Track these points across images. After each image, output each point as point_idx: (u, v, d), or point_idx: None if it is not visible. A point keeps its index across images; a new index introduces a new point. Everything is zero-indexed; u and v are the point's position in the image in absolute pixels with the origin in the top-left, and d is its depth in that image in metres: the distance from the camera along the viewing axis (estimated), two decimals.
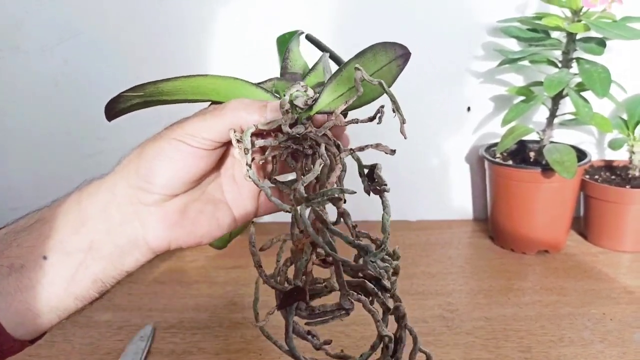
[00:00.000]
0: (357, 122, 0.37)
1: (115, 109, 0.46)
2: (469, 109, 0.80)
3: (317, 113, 0.36)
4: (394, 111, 0.35)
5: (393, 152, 0.35)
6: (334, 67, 0.42)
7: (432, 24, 0.75)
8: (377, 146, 0.36)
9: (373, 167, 0.35)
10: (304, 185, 0.32)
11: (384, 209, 0.34)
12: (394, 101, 0.35)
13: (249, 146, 0.33)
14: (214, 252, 0.73)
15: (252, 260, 0.36)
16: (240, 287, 0.65)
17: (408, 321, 0.35)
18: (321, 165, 0.34)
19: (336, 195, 0.32)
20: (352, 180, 0.36)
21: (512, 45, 0.75)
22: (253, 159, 0.34)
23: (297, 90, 0.35)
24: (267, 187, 0.33)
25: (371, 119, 0.35)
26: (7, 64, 0.77)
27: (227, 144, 0.37)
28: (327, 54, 0.40)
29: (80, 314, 0.38)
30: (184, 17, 0.75)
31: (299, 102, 0.35)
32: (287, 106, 0.34)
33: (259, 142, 0.35)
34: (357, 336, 0.55)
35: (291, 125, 0.34)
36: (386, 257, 0.35)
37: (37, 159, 0.83)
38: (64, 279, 0.34)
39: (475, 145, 0.82)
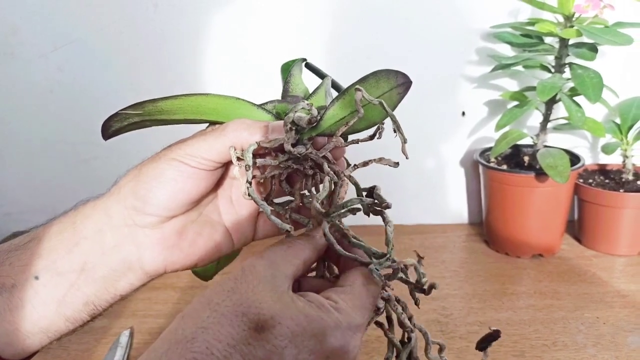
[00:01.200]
0: (357, 143, 0.37)
1: (112, 127, 0.45)
2: (463, 113, 0.81)
3: (318, 135, 0.36)
4: (394, 131, 0.36)
5: (396, 164, 0.36)
6: (334, 93, 0.42)
7: (427, 30, 0.76)
8: (380, 160, 0.36)
9: (372, 189, 0.36)
10: (319, 201, 0.33)
11: (386, 225, 0.34)
12: (395, 121, 0.35)
13: (250, 163, 0.33)
14: None
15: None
16: None
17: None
18: (331, 182, 0.34)
19: (356, 206, 0.33)
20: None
21: (506, 50, 0.76)
22: (254, 177, 0.34)
23: (302, 108, 0.34)
24: (266, 206, 0.33)
25: (371, 138, 0.35)
26: (2, 71, 0.77)
27: (226, 165, 0.36)
28: (330, 78, 0.40)
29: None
30: (180, 24, 0.75)
31: (303, 122, 0.35)
32: (290, 125, 0.34)
33: (260, 161, 0.34)
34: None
35: (293, 145, 0.34)
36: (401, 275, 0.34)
37: (32, 165, 0.83)
38: (54, 300, 0.33)
39: (470, 149, 0.82)
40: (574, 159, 0.73)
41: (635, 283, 0.65)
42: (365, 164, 0.36)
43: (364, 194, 0.36)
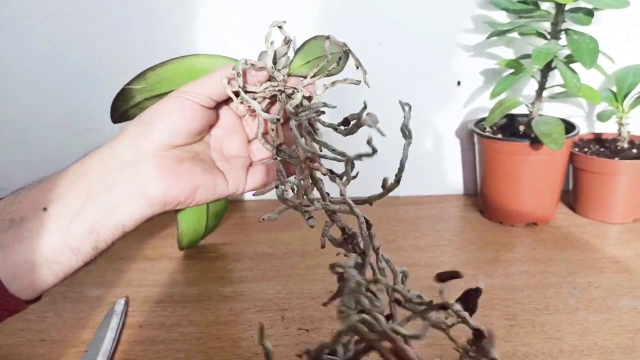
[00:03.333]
0: (326, 75, 0.45)
1: (120, 109, 0.49)
2: (459, 83, 0.80)
3: (290, 75, 0.43)
4: (357, 67, 0.44)
5: (358, 82, 0.44)
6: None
7: None
8: (344, 80, 0.44)
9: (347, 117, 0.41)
10: (292, 106, 0.39)
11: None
12: (356, 59, 0.44)
13: (240, 70, 0.39)
14: None
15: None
16: (229, 263, 0.66)
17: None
18: (302, 95, 0.41)
19: (321, 109, 0.38)
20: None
21: (503, 17, 0.75)
22: (247, 92, 0.41)
23: (281, 46, 0.42)
24: (251, 100, 0.40)
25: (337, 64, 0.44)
26: None
27: (213, 124, 0.43)
28: (322, 37, 0.45)
29: (71, 289, 0.38)
30: None
31: (285, 60, 0.43)
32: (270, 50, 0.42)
33: (248, 87, 0.41)
34: None
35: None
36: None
37: (25, 138, 0.82)
38: (60, 228, 0.35)
39: (465, 120, 0.82)
40: (570, 127, 0.72)
41: (628, 249, 0.66)
42: (333, 84, 0.44)
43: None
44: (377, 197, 0.39)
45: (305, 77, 0.44)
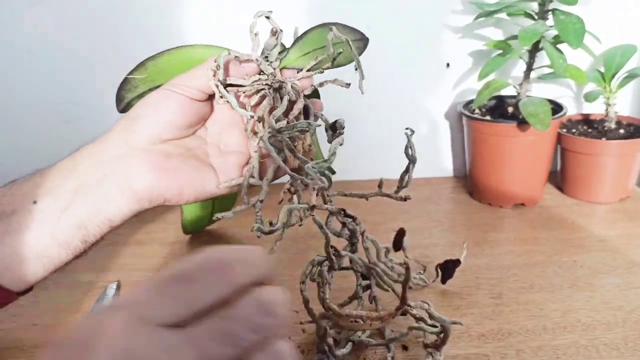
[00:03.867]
0: (322, 72, 0.42)
1: (125, 98, 0.49)
2: (448, 65, 0.80)
3: (285, 67, 0.42)
4: (356, 69, 0.42)
5: (348, 85, 0.42)
6: None
7: None
8: (334, 81, 0.43)
9: (335, 122, 0.42)
10: (275, 118, 0.38)
11: (335, 138, 0.41)
12: (356, 57, 0.41)
13: (221, 64, 0.39)
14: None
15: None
16: (221, 245, 0.66)
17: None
18: (288, 100, 0.39)
19: (305, 127, 0.37)
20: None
21: None
22: (231, 87, 0.41)
23: (269, 38, 0.41)
24: (226, 94, 0.39)
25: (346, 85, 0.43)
26: None
27: (208, 116, 0.42)
28: (332, 28, 0.43)
29: (64, 274, 0.39)
30: None
31: (275, 52, 0.41)
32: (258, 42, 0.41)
33: (234, 80, 0.40)
34: None
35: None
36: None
37: (13, 128, 0.82)
38: (49, 223, 0.35)
39: (454, 102, 0.82)
40: (557, 108, 0.73)
41: (614, 229, 0.67)
42: (320, 84, 0.43)
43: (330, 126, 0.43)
44: (372, 195, 0.43)
45: (301, 70, 0.42)
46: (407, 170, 0.40)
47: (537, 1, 0.67)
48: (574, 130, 0.75)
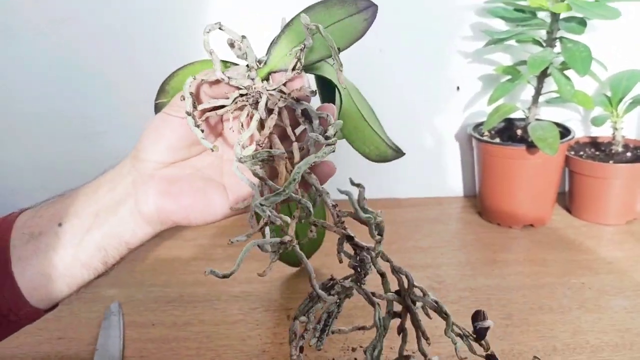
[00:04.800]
0: (301, 72, 0.37)
1: None
2: (458, 88, 0.82)
3: (273, 71, 0.37)
4: (331, 63, 0.37)
5: (313, 93, 0.36)
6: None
7: (422, 6, 0.77)
8: (299, 90, 0.36)
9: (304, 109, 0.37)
10: (240, 144, 0.35)
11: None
12: (332, 47, 0.35)
13: (187, 94, 0.36)
14: (211, 231, 0.76)
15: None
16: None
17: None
18: (257, 122, 0.36)
19: (265, 157, 0.34)
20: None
21: (500, 24, 0.77)
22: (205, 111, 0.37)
23: (247, 47, 0.37)
24: (195, 129, 0.36)
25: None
26: (1, 49, 0.78)
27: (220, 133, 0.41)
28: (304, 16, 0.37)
29: (85, 289, 0.41)
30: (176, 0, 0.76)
31: (250, 61, 0.37)
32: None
33: (214, 102, 0.37)
34: None
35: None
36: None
37: (35, 142, 0.84)
38: (72, 244, 0.37)
39: (464, 124, 0.84)
40: (565, 131, 0.75)
41: (621, 250, 0.68)
42: (288, 96, 0.37)
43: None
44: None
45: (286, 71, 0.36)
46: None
47: (545, 29, 0.70)
48: (581, 153, 0.77)
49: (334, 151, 0.35)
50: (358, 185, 0.37)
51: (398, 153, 0.52)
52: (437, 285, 0.62)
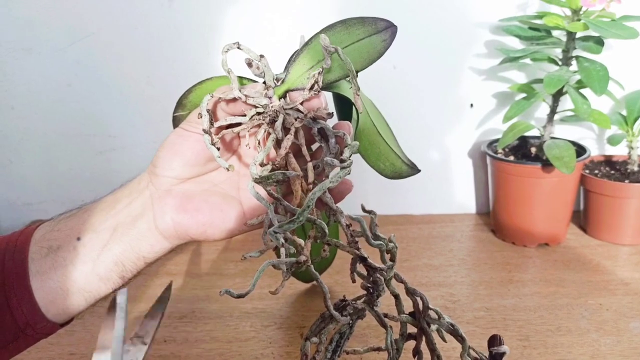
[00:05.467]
0: (318, 91, 0.37)
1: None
2: (472, 105, 0.82)
3: (290, 90, 0.37)
4: (349, 82, 0.36)
5: (330, 115, 0.37)
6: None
7: (436, 23, 0.77)
8: (317, 111, 0.37)
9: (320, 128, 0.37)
10: (256, 164, 0.35)
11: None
12: (350, 70, 0.35)
13: (204, 112, 0.36)
14: (222, 245, 0.76)
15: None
16: (249, 279, 0.68)
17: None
18: (273, 141, 0.35)
19: (280, 178, 0.34)
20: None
21: (514, 42, 0.77)
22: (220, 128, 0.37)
23: (265, 66, 0.36)
24: (212, 147, 0.36)
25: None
26: (20, 65, 0.79)
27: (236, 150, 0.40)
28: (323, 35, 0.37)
29: (102, 302, 0.40)
30: (193, 17, 0.77)
31: (268, 79, 0.36)
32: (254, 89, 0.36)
33: (232, 119, 0.37)
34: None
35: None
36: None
37: (50, 157, 0.85)
38: (91, 258, 0.37)
39: (478, 141, 0.84)
40: (580, 150, 0.74)
41: (638, 271, 0.67)
42: (305, 116, 0.37)
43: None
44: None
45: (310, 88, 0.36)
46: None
47: (561, 48, 0.70)
48: (596, 172, 0.76)
49: (349, 173, 0.35)
50: (370, 212, 0.37)
51: (413, 169, 0.52)
52: (451, 305, 0.61)
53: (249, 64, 0.37)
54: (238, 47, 0.36)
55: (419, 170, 0.51)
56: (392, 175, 0.51)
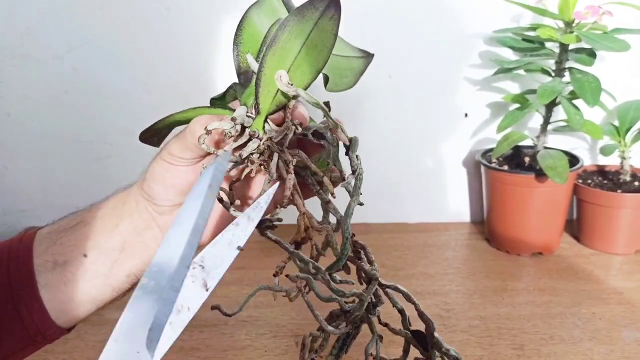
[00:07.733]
0: (295, 98, 0.35)
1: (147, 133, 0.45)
2: (466, 115, 0.83)
3: (268, 116, 0.35)
4: (324, 115, 0.35)
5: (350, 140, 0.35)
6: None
7: (431, 34, 0.78)
8: (304, 118, 0.35)
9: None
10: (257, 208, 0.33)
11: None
12: (321, 108, 0.34)
13: (203, 145, 0.34)
14: None
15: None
16: (244, 287, 0.68)
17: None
18: (270, 182, 0.34)
19: (277, 220, 0.36)
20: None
21: (508, 53, 0.78)
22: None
23: (239, 115, 0.35)
24: (232, 210, 0.36)
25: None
26: (18, 72, 0.79)
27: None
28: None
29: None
30: (191, 27, 0.77)
31: (244, 121, 0.35)
32: (233, 130, 0.34)
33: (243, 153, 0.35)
34: None
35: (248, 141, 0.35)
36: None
37: (46, 163, 0.85)
38: (102, 273, 0.38)
39: (472, 150, 0.85)
40: (573, 160, 0.75)
41: (631, 280, 0.68)
42: (297, 128, 0.35)
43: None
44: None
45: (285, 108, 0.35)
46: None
47: (554, 59, 0.71)
48: (589, 181, 0.77)
49: (362, 174, 0.35)
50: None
51: (368, 56, 0.46)
52: (445, 314, 0.61)
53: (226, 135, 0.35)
54: (207, 134, 0.34)
55: (372, 55, 0.46)
56: (355, 80, 0.46)
